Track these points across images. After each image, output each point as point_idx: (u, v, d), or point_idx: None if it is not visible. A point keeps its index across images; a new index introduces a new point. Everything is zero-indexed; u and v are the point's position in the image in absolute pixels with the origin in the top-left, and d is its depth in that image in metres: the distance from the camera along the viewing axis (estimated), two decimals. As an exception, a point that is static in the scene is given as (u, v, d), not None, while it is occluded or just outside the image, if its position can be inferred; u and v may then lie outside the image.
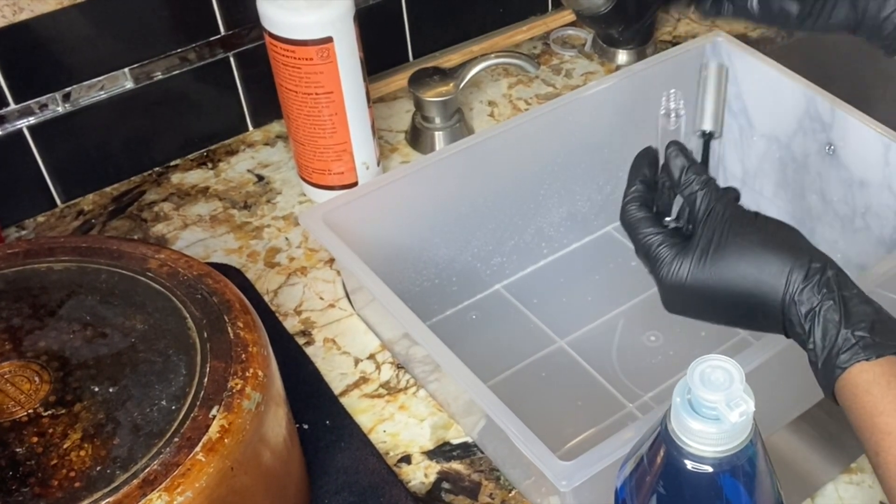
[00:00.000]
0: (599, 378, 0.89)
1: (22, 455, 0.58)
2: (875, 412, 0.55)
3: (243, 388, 0.62)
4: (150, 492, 0.56)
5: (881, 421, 0.54)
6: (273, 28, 0.87)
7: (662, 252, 0.63)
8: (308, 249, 0.94)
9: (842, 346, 0.57)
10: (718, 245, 0.61)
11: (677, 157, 0.66)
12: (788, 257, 0.60)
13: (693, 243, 0.63)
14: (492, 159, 0.90)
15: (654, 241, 0.64)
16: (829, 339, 0.57)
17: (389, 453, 0.77)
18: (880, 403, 0.55)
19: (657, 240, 0.64)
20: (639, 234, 0.65)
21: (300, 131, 0.93)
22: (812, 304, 0.58)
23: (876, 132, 0.86)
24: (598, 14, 1.10)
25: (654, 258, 0.64)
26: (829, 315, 0.57)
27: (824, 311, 0.58)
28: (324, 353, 0.84)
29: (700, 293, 0.62)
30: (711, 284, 0.61)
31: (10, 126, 0.93)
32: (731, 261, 0.61)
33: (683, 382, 0.50)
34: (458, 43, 1.17)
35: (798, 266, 0.59)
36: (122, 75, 0.96)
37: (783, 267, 0.59)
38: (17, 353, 0.64)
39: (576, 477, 0.62)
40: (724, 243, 0.61)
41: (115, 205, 1.00)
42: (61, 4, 0.90)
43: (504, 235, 0.95)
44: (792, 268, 0.59)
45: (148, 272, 0.69)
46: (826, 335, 0.57)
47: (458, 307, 0.95)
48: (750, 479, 0.51)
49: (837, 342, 0.57)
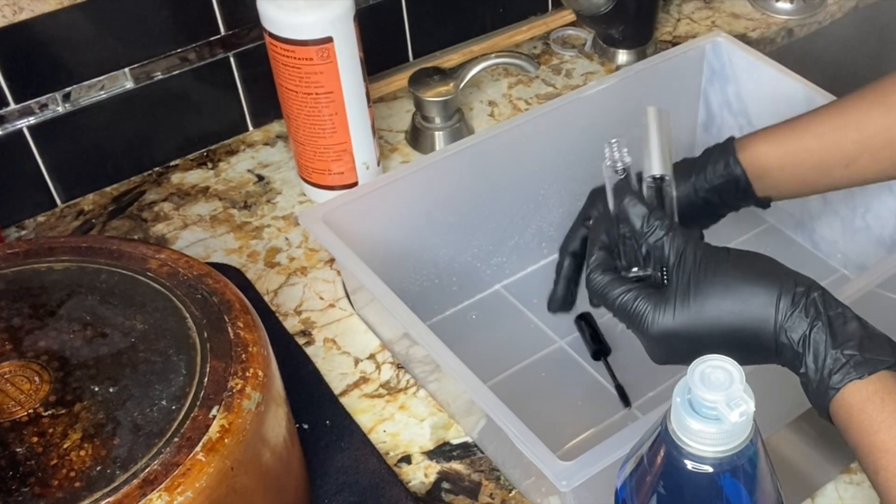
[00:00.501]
0: (599, 378, 0.89)
1: (22, 455, 0.58)
2: (871, 431, 0.55)
3: (243, 388, 0.62)
4: (150, 492, 0.56)
5: (878, 439, 0.54)
6: (273, 28, 0.87)
7: (641, 305, 0.62)
8: (308, 249, 0.94)
9: (833, 367, 0.56)
10: (698, 286, 0.61)
11: (636, 205, 0.65)
12: (773, 285, 0.59)
13: (671, 289, 0.62)
14: (492, 159, 0.90)
15: (630, 298, 0.63)
16: (820, 361, 0.57)
17: (389, 453, 0.77)
18: (875, 422, 0.55)
19: (632, 296, 0.63)
20: (610, 297, 0.64)
21: (300, 131, 0.93)
22: (802, 328, 0.58)
23: (876, 132, 0.86)
24: (598, 14, 1.10)
25: (634, 314, 0.63)
26: (818, 337, 0.57)
27: (814, 334, 0.57)
28: (324, 353, 0.84)
29: (688, 337, 0.61)
30: (699, 325, 0.60)
31: (10, 126, 0.93)
32: (715, 300, 0.60)
33: (683, 382, 0.50)
34: (458, 43, 1.17)
35: (785, 292, 0.59)
36: (122, 75, 0.96)
37: (770, 296, 0.59)
38: (17, 353, 0.64)
39: (576, 477, 0.62)
40: (704, 283, 0.60)
41: (115, 205, 1.00)
42: (61, 4, 0.90)
43: (504, 235, 0.95)
44: (780, 295, 0.59)
45: (148, 272, 0.69)
46: (817, 358, 0.57)
47: (458, 307, 0.95)
48: (750, 479, 0.51)
49: (828, 363, 0.56)
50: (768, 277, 0.59)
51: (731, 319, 0.60)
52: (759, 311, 0.59)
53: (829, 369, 0.56)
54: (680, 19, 1.22)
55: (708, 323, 0.60)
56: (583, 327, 0.91)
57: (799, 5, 1.23)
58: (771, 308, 0.58)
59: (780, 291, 0.58)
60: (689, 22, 1.22)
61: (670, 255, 0.62)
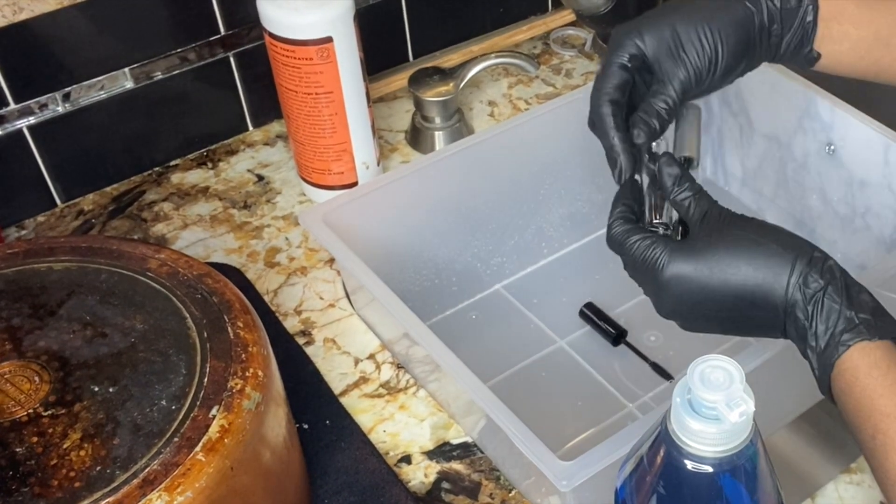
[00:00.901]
0: (599, 378, 0.89)
1: (22, 455, 0.58)
2: (875, 395, 0.55)
3: (243, 388, 0.62)
4: (150, 492, 0.56)
5: (881, 403, 0.54)
6: (273, 28, 0.87)
7: (658, 249, 0.62)
8: (308, 249, 0.94)
9: (846, 326, 0.56)
10: (720, 238, 0.61)
11: (670, 166, 0.65)
12: (792, 246, 0.59)
13: (691, 238, 0.62)
14: (492, 159, 0.90)
15: (648, 243, 0.62)
16: (832, 320, 0.57)
17: (389, 453, 0.77)
18: (881, 386, 0.55)
19: (650, 241, 0.62)
20: (629, 242, 0.63)
21: (300, 131, 0.93)
22: (816, 286, 0.58)
23: (876, 132, 0.86)
24: (598, 14, 1.10)
25: (651, 257, 0.62)
26: (833, 296, 0.57)
27: (828, 293, 0.57)
28: (324, 353, 0.84)
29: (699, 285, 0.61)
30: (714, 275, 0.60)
31: (10, 126, 0.93)
32: (734, 252, 0.60)
33: (683, 382, 0.50)
34: (458, 43, 1.17)
35: (803, 253, 0.59)
36: (122, 75, 0.96)
37: (789, 256, 0.59)
38: (17, 353, 0.64)
39: (576, 477, 0.62)
40: (726, 237, 0.61)
41: (115, 205, 1.00)
42: (61, 4, 0.90)
43: (504, 235, 0.95)
44: (797, 255, 0.59)
45: (148, 272, 0.69)
46: (829, 317, 0.57)
47: (458, 307, 0.95)
48: (750, 479, 0.51)
49: (840, 324, 0.57)
50: (789, 241, 0.60)
51: (746, 273, 0.60)
52: (776, 267, 0.59)
53: (841, 328, 0.56)
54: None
55: (722, 274, 0.60)
56: (591, 318, 0.92)
57: (799, 5, 1.22)
58: (788, 266, 0.59)
59: (799, 253, 0.59)
60: (689, 22, 1.22)
61: (695, 213, 0.63)
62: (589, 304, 0.93)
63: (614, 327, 0.91)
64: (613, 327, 0.91)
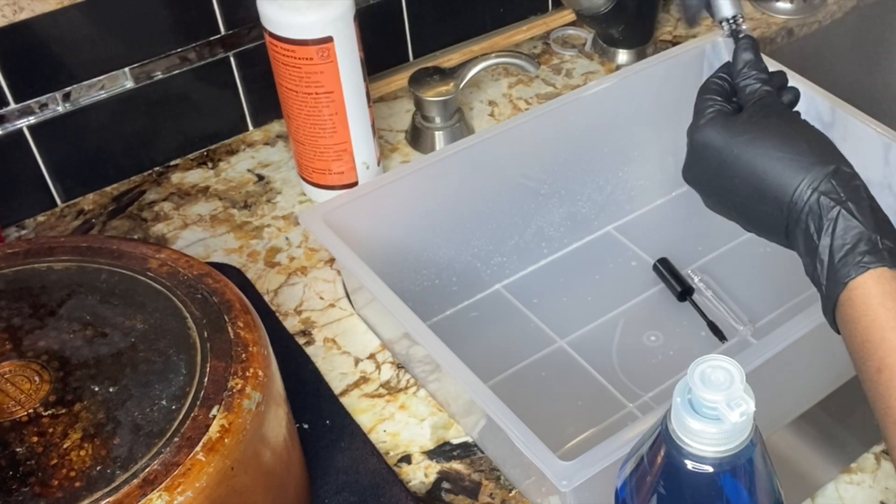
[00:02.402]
0: (599, 378, 0.89)
1: (22, 455, 0.58)
2: (888, 327, 0.53)
3: (243, 388, 0.62)
4: (151, 491, 0.56)
5: (892, 336, 0.52)
6: (273, 28, 0.87)
7: (710, 111, 0.65)
8: (308, 249, 0.94)
9: (868, 248, 0.54)
10: (757, 123, 0.62)
11: (747, 50, 0.68)
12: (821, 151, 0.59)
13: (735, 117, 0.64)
14: (492, 159, 0.90)
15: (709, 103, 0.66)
16: (852, 236, 0.55)
17: (389, 453, 0.77)
18: (893, 318, 0.53)
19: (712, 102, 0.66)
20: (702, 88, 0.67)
21: (300, 131, 0.93)
22: (841, 194, 0.56)
23: (876, 132, 0.86)
24: (598, 14, 1.10)
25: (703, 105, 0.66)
26: (855, 214, 0.56)
27: (849, 209, 0.56)
28: (324, 353, 0.84)
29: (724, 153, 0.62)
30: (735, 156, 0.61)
31: (10, 126, 0.93)
32: (765, 138, 0.61)
33: (684, 382, 0.50)
34: (458, 43, 1.17)
35: (826, 162, 0.58)
36: (122, 75, 0.96)
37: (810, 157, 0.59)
38: (17, 352, 0.64)
39: (576, 477, 0.62)
40: (762, 124, 0.62)
41: (115, 204, 1.00)
42: (61, 4, 0.90)
43: (504, 235, 0.95)
44: (821, 161, 0.58)
45: (148, 272, 0.69)
46: (849, 232, 0.55)
47: (458, 307, 0.95)
48: (750, 479, 0.51)
49: (861, 244, 0.55)
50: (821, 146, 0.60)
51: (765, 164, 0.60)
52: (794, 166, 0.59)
53: (863, 249, 0.54)
54: (680, 19, 1.22)
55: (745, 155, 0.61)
56: (662, 272, 0.96)
57: (799, 5, 1.23)
58: (804, 168, 0.58)
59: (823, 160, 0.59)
60: (689, 22, 1.22)
61: (753, 97, 0.65)
62: (663, 259, 0.96)
63: (682, 283, 0.94)
64: (682, 283, 0.94)
